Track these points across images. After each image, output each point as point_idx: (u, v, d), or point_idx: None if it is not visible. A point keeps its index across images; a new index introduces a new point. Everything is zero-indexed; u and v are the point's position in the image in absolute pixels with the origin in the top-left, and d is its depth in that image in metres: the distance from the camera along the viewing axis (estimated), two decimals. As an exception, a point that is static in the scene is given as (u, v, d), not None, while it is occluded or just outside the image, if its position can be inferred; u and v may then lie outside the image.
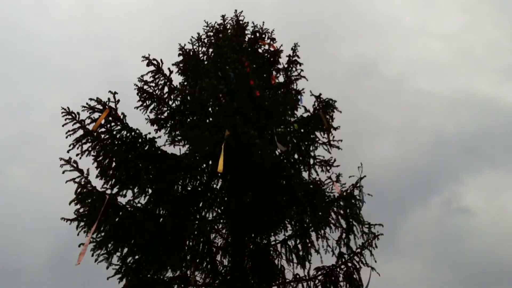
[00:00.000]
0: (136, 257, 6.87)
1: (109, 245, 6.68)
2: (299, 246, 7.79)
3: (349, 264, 7.42)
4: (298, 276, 7.66)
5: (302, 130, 8.10)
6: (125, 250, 6.78)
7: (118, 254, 6.79)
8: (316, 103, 8.20)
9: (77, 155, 6.67)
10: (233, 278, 7.09)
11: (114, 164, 6.88)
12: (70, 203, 6.41)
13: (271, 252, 7.85)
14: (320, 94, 8.20)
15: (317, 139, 8.22)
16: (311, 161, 8.13)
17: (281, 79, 9.20)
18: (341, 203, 7.63)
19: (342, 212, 7.65)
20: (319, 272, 7.54)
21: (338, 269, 7.47)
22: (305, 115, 8.23)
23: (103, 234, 6.59)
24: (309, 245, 7.74)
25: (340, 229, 7.63)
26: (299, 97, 8.64)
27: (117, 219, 6.52)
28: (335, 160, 8.16)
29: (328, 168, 8.17)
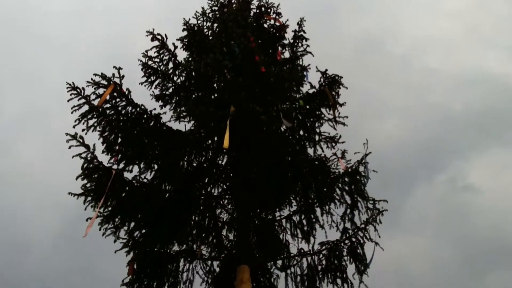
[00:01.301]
0: (143, 231, 6.98)
1: (116, 219, 6.78)
2: (304, 221, 7.87)
3: (353, 239, 7.50)
4: (302, 251, 7.77)
5: (307, 107, 8.08)
6: (132, 224, 6.89)
7: (125, 228, 6.90)
8: (322, 79, 8.15)
9: (83, 130, 6.72)
10: (238, 252, 7.19)
11: (119, 139, 6.92)
12: (77, 178, 6.49)
13: (276, 227, 7.94)
14: (326, 70, 8.14)
15: (323, 116, 8.20)
16: (317, 138, 8.13)
17: (286, 54, 9.14)
18: (346, 179, 7.66)
19: (347, 188, 7.69)
20: (324, 247, 7.63)
21: (342, 244, 7.56)
22: (310, 91, 8.19)
23: (110, 208, 6.68)
24: (314, 220, 7.81)
25: (344, 205, 7.68)
26: (304, 73, 8.60)
27: (123, 194, 6.59)
28: (340, 137, 8.16)
29: (333, 144, 8.17)
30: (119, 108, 7.05)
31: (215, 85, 7.63)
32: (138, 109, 7.15)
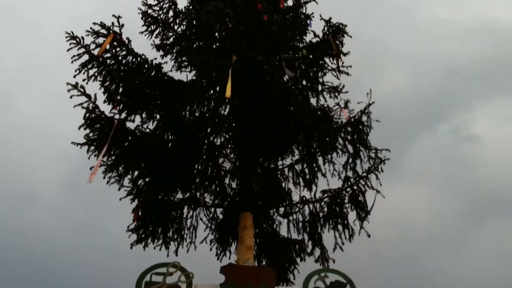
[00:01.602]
0: (147, 179, 7.11)
1: (120, 168, 6.90)
2: (306, 170, 7.97)
3: (355, 187, 7.61)
4: (304, 198, 7.92)
5: (310, 56, 7.99)
6: (136, 173, 7.01)
7: (129, 176, 7.03)
8: (325, 28, 8.02)
9: (83, 80, 6.73)
10: (241, 199, 7.34)
11: (121, 89, 6.93)
12: (79, 128, 6.57)
13: (279, 175, 8.06)
14: (330, 19, 8.00)
15: (326, 65, 8.12)
16: (320, 87, 8.10)
17: (290, 2, 8.94)
18: (349, 129, 7.69)
19: (349, 137, 7.73)
20: (325, 195, 7.77)
21: (344, 192, 7.68)
22: (314, 40, 8.07)
23: (113, 158, 6.78)
24: (316, 169, 7.90)
25: (347, 154, 7.75)
26: (308, 21, 8.44)
27: (126, 144, 6.67)
28: (343, 86, 8.11)
29: (336, 94, 8.14)
30: (120, 58, 7.02)
31: (216, 34, 7.54)
32: (138, 58, 7.12)
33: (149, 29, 8.17)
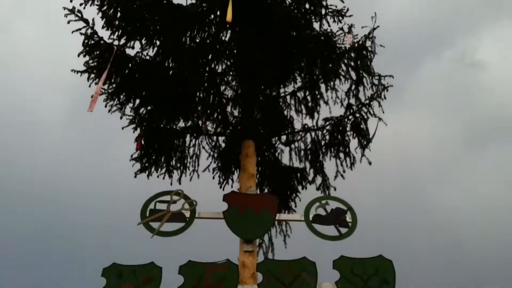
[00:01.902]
0: (149, 108, 7.05)
1: (121, 96, 6.81)
2: (308, 97, 7.88)
3: (357, 115, 7.55)
4: (306, 126, 7.89)
5: (313, -23, 7.64)
6: (137, 101, 6.93)
7: (131, 105, 6.96)
8: None
9: (80, 4, 6.48)
10: (243, 127, 7.32)
11: (119, 14, 6.68)
12: (78, 55, 6.41)
13: (281, 103, 7.97)
14: None
15: (330, -14, 7.78)
16: (323, 11, 7.80)
17: None
18: (352, 54, 7.51)
19: (352, 63, 7.57)
20: (327, 123, 7.73)
21: (346, 120, 7.63)
22: (316, -41, 7.68)
23: (114, 85, 6.68)
24: (318, 96, 7.81)
25: (349, 80, 7.61)
26: None
27: (126, 71, 6.53)
28: (348, 10, 7.80)
29: (340, 18, 7.86)
30: (116, -20, 6.70)
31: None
32: (136, -19, 6.80)
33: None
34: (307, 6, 7.74)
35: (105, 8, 6.66)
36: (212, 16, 7.30)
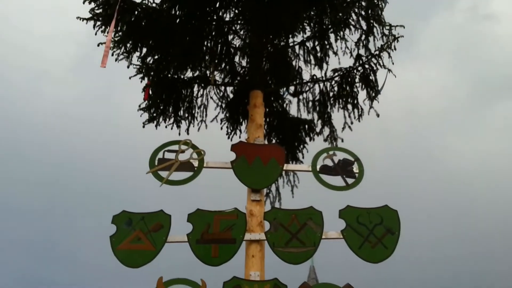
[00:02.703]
0: (156, 57, 6.98)
1: (128, 44, 6.72)
2: (317, 47, 7.73)
3: (366, 66, 7.43)
4: (315, 77, 7.80)
5: None
6: (144, 50, 6.85)
7: (138, 54, 6.89)
8: None
9: None
10: (251, 77, 7.26)
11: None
12: (84, 2, 6.30)
13: (289, 53, 7.86)
14: None
15: None
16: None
17: None
18: (363, 3, 7.31)
19: (363, 13, 7.38)
20: (336, 73, 7.63)
21: (355, 71, 7.52)
22: None
23: (120, 33, 6.58)
24: (327, 46, 7.66)
25: (360, 30, 7.45)
26: None
27: (133, 18, 6.42)
28: (359, -43, 7.53)
29: (351, -35, 7.60)
30: None
31: None
32: None
33: None
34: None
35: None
36: (220, -38, 7.09)
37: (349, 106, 7.77)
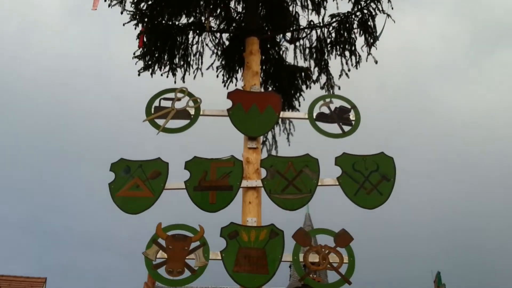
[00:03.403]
0: (150, 2, 6.81)
1: (120, -12, 6.55)
2: (315, -9, 7.55)
3: (365, 11, 7.28)
4: (312, 23, 7.64)
5: None
6: (138, -6, 6.68)
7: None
8: None
9: None
10: (247, 24, 7.11)
11: None
12: None
13: (286, -2, 7.67)
14: None
15: None
16: None
17: None
18: None
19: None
20: (334, 19, 7.47)
21: (353, 16, 7.37)
22: None
23: (112, -23, 6.40)
24: (325, -10, 7.47)
25: (359, -27, 7.24)
26: None
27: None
28: None
29: None
30: None
31: None
32: None
33: None
34: None
35: None
36: None
37: (347, 53, 7.67)
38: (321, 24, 7.58)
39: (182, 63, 7.65)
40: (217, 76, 8.00)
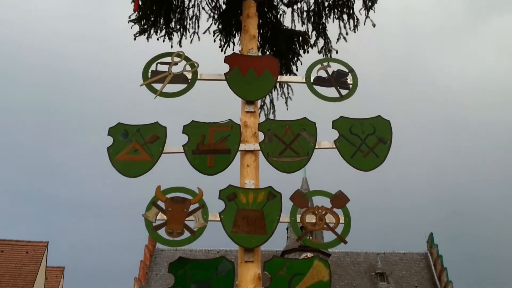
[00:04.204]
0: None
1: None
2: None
3: (364, -26, 7.19)
4: (310, -14, 7.55)
5: None
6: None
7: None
8: None
9: None
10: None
11: None
12: None
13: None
14: None
15: None
16: None
17: None
18: None
19: None
20: (332, -18, 7.39)
21: (351, -22, 7.29)
22: None
23: None
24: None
25: None
26: None
27: None
28: None
29: None
30: None
31: None
32: None
33: None
34: None
35: None
36: None
37: (345, 17, 7.61)
38: (319, -14, 7.49)
39: (178, 27, 7.59)
40: (214, 40, 7.94)
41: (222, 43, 7.98)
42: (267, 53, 7.82)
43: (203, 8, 7.68)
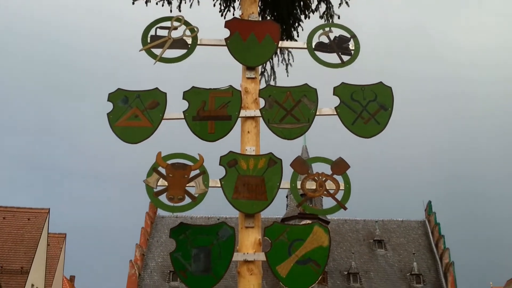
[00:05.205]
0: None
1: None
2: None
3: None
4: None
5: None
6: None
7: None
8: None
9: None
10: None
11: None
12: None
13: None
14: None
15: None
16: None
17: None
18: None
19: None
20: None
21: None
22: None
23: None
24: None
25: None
26: None
27: None
28: None
29: None
30: None
31: None
32: None
33: None
34: None
35: None
36: None
37: (347, -20, 7.46)
38: (321, -52, 7.32)
39: (177, -10, 7.45)
40: (214, 5, 7.82)
41: (222, 7, 7.85)
42: (268, 18, 7.70)
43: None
